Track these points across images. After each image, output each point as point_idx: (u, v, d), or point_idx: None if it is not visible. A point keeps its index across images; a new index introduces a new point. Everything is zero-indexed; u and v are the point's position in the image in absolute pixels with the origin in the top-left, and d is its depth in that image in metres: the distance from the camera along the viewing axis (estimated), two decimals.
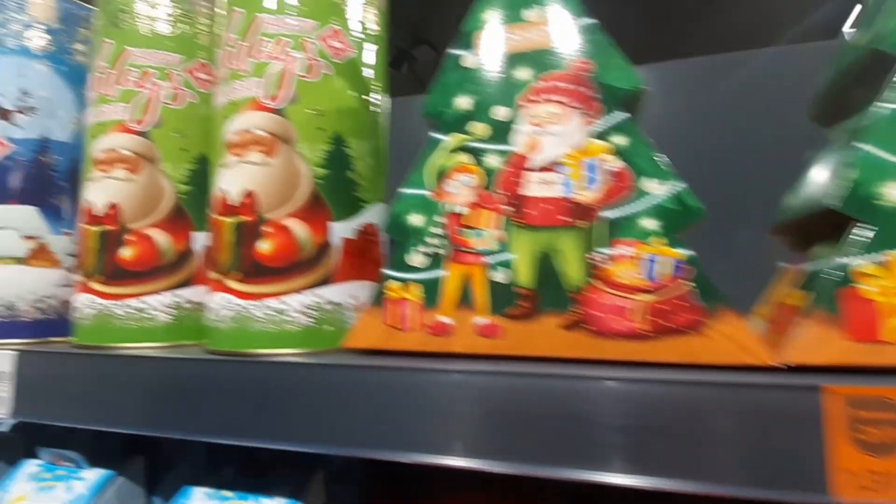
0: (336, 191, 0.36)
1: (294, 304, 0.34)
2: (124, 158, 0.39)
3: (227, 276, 0.35)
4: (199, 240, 0.41)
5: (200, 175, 0.42)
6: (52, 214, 0.44)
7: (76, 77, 0.46)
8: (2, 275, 0.41)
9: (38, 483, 0.41)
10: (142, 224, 0.39)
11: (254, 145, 0.35)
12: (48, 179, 0.44)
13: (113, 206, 0.39)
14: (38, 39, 0.44)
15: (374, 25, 0.40)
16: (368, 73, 0.39)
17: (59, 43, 0.45)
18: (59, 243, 0.44)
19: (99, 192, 0.39)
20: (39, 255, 0.43)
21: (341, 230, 0.36)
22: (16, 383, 0.38)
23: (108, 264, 0.39)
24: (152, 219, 0.39)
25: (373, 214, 0.38)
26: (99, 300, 0.39)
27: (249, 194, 0.34)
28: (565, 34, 0.30)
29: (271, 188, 0.34)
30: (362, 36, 0.39)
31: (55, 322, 0.43)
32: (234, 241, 0.35)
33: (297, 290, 0.34)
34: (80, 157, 0.45)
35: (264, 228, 0.34)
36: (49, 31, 0.45)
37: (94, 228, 0.39)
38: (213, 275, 0.36)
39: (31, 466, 0.43)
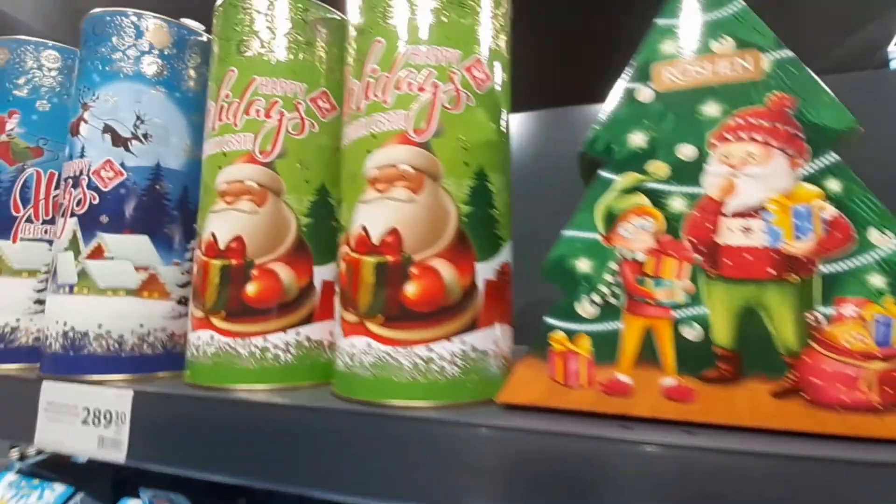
0: (480, 229, 0.33)
1: (442, 353, 0.31)
2: (250, 190, 0.38)
3: (367, 319, 0.32)
4: (319, 274, 0.39)
5: (320, 207, 0.40)
6: (164, 244, 0.42)
7: (188, 103, 0.45)
8: (114, 307, 0.40)
9: None
10: (266, 258, 0.37)
11: (399, 181, 0.33)
12: (161, 208, 0.42)
13: (237, 240, 0.37)
14: (152, 65, 0.43)
15: (505, 53, 0.38)
16: (503, 103, 0.37)
17: (172, 68, 0.44)
18: (168, 274, 0.42)
19: (223, 224, 0.38)
20: (150, 286, 0.41)
21: (484, 271, 0.33)
22: (131, 426, 0.36)
23: (232, 300, 0.37)
24: (276, 253, 0.38)
25: (507, 253, 0.36)
26: (220, 337, 0.37)
27: (394, 232, 0.32)
28: (761, 67, 0.28)
29: (418, 227, 0.32)
30: (498, 64, 0.37)
31: (161, 356, 0.42)
32: (375, 282, 0.32)
33: (446, 337, 0.31)
34: (190, 184, 0.44)
35: (411, 270, 0.32)
36: (163, 57, 0.44)
37: (217, 262, 0.37)
38: (349, 316, 0.33)
39: None
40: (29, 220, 0.47)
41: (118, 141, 0.41)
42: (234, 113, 0.39)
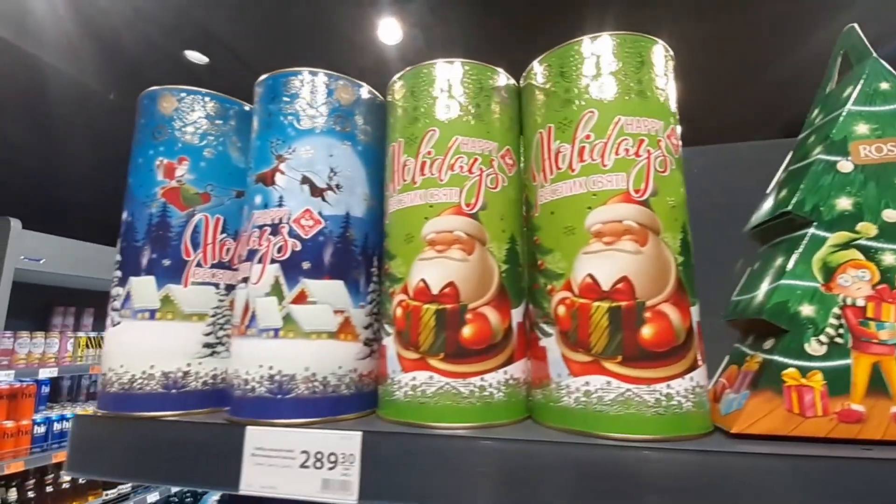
0: (688, 276, 0.38)
1: (679, 389, 0.35)
2: (459, 239, 0.41)
3: (604, 359, 0.36)
4: (514, 317, 0.42)
5: (512, 254, 0.43)
6: (353, 288, 0.44)
7: (365, 155, 0.48)
8: (318, 350, 0.41)
9: None
10: (478, 303, 0.40)
11: (625, 234, 0.37)
12: (350, 254, 0.45)
13: (450, 285, 0.40)
14: (340, 121, 0.46)
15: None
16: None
17: (354, 124, 0.47)
18: (358, 316, 0.44)
19: (434, 270, 0.40)
20: (345, 328, 0.43)
21: (695, 314, 0.38)
22: (361, 466, 0.37)
23: (450, 342, 0.39)
24: (484, 298, 0.41)
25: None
26: (441, 378, 0.39)
27: (625, 280, 0.36)
28: None
29: (645, 275, 0.36)
30: (680, 130, 0.42)
31: (355, 397, 0.43)
32: (607, 325, 0.36)
33: (680, 375, 0.35)
34: (370, 231, 0.47)
35: (645, 314, 0.36)
36: (348, 113, 0.47)
37: (430, 306, 0.40)
38: (580, 357, 0.37)
39: None
40: (199, 265, 0.48)
41: (316, 192, 0.44)
42: (438, 168, 0.42)
